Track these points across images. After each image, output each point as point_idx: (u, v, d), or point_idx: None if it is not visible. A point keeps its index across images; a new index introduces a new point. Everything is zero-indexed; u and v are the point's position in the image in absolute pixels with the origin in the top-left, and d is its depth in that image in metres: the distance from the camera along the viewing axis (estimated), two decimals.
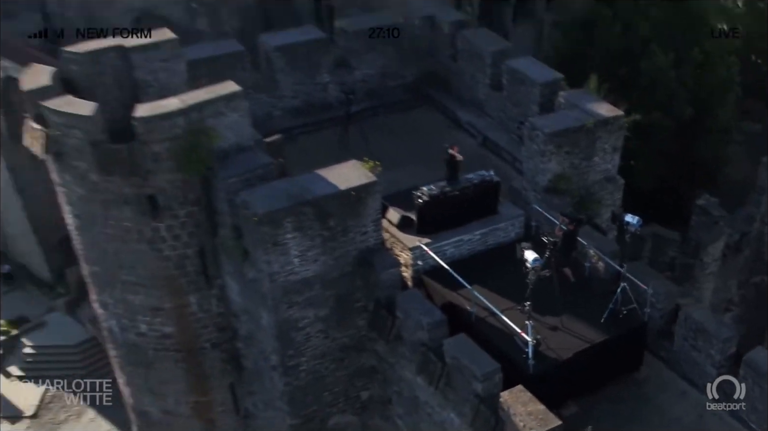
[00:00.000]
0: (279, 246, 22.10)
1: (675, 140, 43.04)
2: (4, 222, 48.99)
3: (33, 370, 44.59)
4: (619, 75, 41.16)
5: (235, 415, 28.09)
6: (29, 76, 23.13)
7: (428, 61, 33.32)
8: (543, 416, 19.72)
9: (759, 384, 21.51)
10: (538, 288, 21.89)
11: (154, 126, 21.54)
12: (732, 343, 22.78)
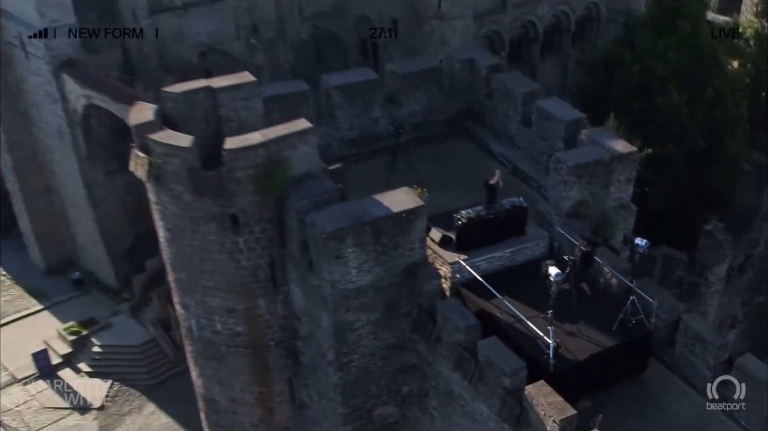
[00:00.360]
0: (340, 258, 25.34)
1: (687, 170, 45.41)
2: (75, 232, 52.09)
3: (100, 367, 47.49)
4: (637, 110, 43.89)
5: (291, 405, 31.23)
6: (136, 112, 26.58)
7: (466, 99, 36.07)
8: (561, 406, 22.72)
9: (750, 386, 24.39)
10: (558, 299, 24.94)
11: (239, 156, 25.00)
12: (725, 350, 25.61)
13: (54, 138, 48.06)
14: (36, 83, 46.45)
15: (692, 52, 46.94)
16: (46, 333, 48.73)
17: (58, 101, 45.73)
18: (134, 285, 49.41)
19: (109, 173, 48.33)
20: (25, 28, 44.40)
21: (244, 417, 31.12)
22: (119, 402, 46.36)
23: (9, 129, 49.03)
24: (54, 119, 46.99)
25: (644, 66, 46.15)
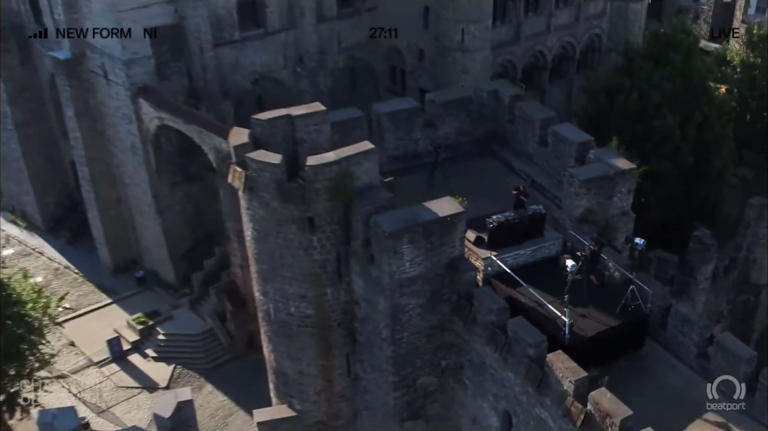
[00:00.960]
0: (397, 253, 30.70)
1: (679, 184, 50.45)
2: (141, 236, 57.10)
3: (164, 352, 52.15)
4: (635, 132, 48.86)
5: (347, 377, 36.49)
6: (233, 135, 32.02)
7: (491, 123, 41.40)
8: (575, 370, 27.96)
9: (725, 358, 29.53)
10: (572, 287, 30.41)
11: (318, 171, 30.46)
12: (708, 329, 30.87)
13: (127, 154, 53.00)
14: (114, 106, 51.47)
15: (684, 81, 51.82)
16: (116, 323, 53.40)
17: (133, 122, 50.64)
18: (193, 282, 54.23)
19: (173, 185, 53.52)
20: (108, 60, 49.70)
21: (309, 387, 36.30)
22: (181, 383, 50.44)
23: (88, 146, 53.91)
24: (129, 137, 51.93)
25: (642, 93, 50.98)
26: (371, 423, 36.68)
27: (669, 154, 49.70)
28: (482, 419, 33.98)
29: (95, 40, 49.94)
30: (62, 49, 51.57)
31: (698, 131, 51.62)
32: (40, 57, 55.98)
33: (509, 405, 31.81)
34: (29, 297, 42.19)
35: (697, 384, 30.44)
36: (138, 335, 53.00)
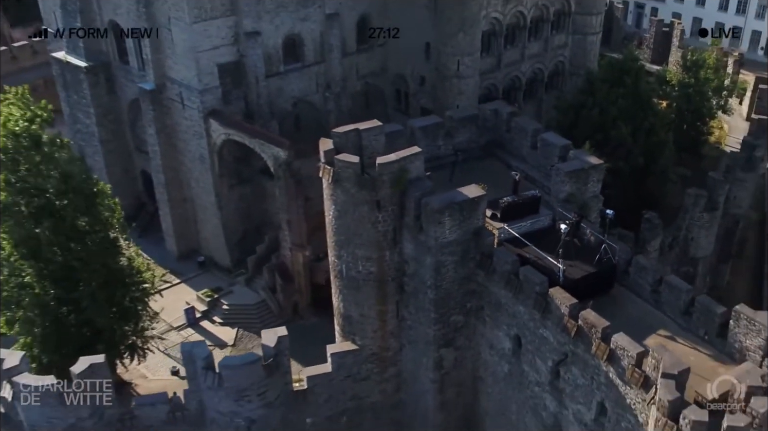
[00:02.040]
0: (441, 224, 41.23)
1: (632, 179, 61.25)
2: (201, 229, 67.10)
3: (228, 319, 62.19)
4: (597, 139, 59.52)
5: (396, 318, 46.81)
6: (323, 144, 42.37)
7: (493, 133, 51.81)
8: (569, 299, 38.39)
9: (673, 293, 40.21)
10: (563, 245, 41.07)
11: (384, 167, 41.17)
12: (659, 273, 41.40)
13: (196, 163, 63.34)
14: (187, 125, 61.89)
15: (634, 99, 63.00)
16: (186, 297, 63.48)
17: (203, 137, 61.10)
18: (248, 263, 64.66)
19: (231, 186, 64.17)
20: (185, 89, 60.20)
21: (368, 326, 46.76)
22: (244, 342, 60.44)
23: (164, 157, 64.26)
24: (198, 149, 62.26)
25: (601, 109, 62.11)
26: (413, 351, 47.04)
27: (623, 156, 60.44)
28: (497, 344, 44.55)
29: (174, 74, 60.42)
30: (148, 82, 61.84)
31: (646, 138, 62.47)
32: (121, 88, 66.09)
33: (519, 330, 42.39)
34: (144, 269, 52.72)
35: (651, 312, 40.76)
36: (206, 306, 63.12)
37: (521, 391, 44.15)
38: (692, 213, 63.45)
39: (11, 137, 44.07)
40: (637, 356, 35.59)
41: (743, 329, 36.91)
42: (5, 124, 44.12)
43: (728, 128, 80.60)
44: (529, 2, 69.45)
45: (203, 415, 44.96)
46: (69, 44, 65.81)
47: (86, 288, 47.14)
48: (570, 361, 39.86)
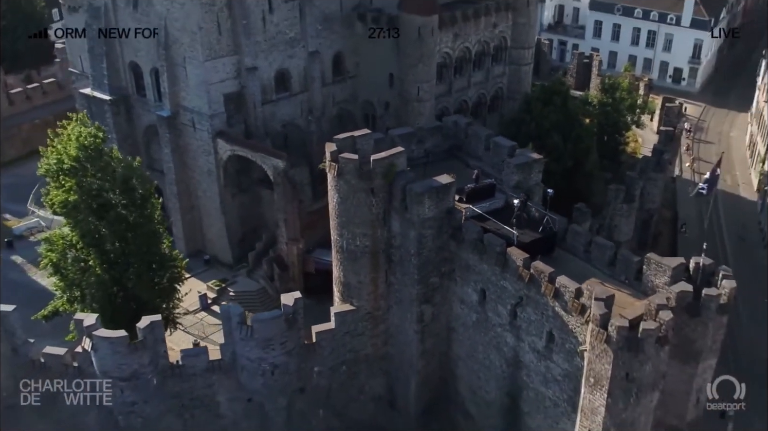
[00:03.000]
0: (421, 204, 51.18)
1: (564, 179, 70.75)
2: (207, 232, 76.59)
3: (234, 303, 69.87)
4: (535, 146, 69.54)
5: (385, 283, 56.34)
6: (328, 147, 52.95)
7: (454, 139, 62.08)
8: (522, 255, 48.59)
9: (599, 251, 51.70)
10: (516, 218, 51.76)
11: (377, 163, 51.61)
12: (589, 236, 52.33)
13: (204, 176, 73.17)
14: (197, 145, 71.75)
15: (564, 114, 74.35)
16: (197, 289, 72.61)
17: (211, 154, 71.00)
18: (249, 258, 74.31)
19: (233, 195, 74.13)
20: (197, 115, 70.21)
21: (363, 290, 56.49)
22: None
23: (177, 172, 74.01)
24: (206, 164, 72.15)
25: (537, 123, 73.08)
26: (399, 309, 56.70)
27: (556, 159, 70.89)
28: (467, 298, 54.61)
29: (187, 102, 70.50)
30: (164, 109, 71.89)
31: (574, 145, 73.50)
32: (138, 116, 75.98)
33: (484, 285, 52.55)
34: (177, 257, 62.67)
35: (585, 266, 49.95)
36: (216, 293, 72.48)
37: (486, 334, 54.30)
38: (614, 204, 73.94)
39: (82, 149, 54.07)
40: (576, 290, 45.93)
41: (653, 271, 47.29)
42: (77, 139, 54.10)
43: (642, 141, 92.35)
44: (473, 39, 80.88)
45: (235, 364, 54.74)
46: (94, 81, 75.67)
47: (135, 269, 57.11)
48: (525, 303, 50.09)
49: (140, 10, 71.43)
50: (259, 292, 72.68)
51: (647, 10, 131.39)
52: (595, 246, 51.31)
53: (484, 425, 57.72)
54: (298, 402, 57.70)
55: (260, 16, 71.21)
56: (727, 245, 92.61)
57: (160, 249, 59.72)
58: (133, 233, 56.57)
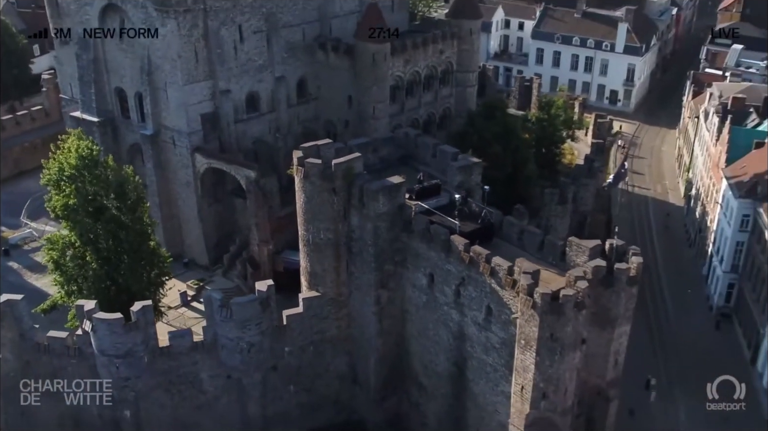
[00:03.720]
0: (377, 201, 57.54)
1: (504, 184, 77.44)
2: (185, 238, 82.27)
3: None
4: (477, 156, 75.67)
5: (346, 272, 62.31)
6: (296, 154, 59.95)
7: (405, 148, 68.70)
8: (463, 241, 55.26)
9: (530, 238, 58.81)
10: (459, 212, 58.37)
11: (338, 166, 58.09)
12: (520, 227, 59.48)
13: (183, 186, 79.12)
14: (177, 159, 77.73)
15: (503, 127, 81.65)
16: (179, 286, 78.07)
17: (189, 167, 76.92)
18: (224, 259, 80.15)
19: (209, 204, 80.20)
20: (176, 133, 76.37)
21: (327, 278, 62.48)
22: None
23: (158, 184, 79.90)
24: (185, 176, 78.08)
25: (479, 135, 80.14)
26: (359, 294, 62.66)
27: (497, 167, 77.24)
28: (417, 282, 60.61)
29: (168, 122, 76.68)
30: (147, 129, 78.16)
31: (513, 154, 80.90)
32: (123, 136, 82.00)
33: (432, 269, 58.66)
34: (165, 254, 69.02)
35: (518, 252, 55.16)
36: (195, 291, 78.00)
37: (435, 313, 60.55)
38: (550, 206, 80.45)
39: (80, 159, 60.52)
40: (508, 268, 52.43)
41: (575, 252, 53.87)
42: (77, 150, 60.57)
43: (578, 154, 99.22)
44: (423, 64, 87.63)
45: (216, 343, 60.81)
46: (83, 105, 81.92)
47: (126, 264, 63.44)
48: (466, 282, 56.37)
49: (125, 41, 77.74)
50: (234, 290, 77.80)
51: (584, 38, 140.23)
52: (526, 233, 57.98)
53: (435, 395, 64.08)
54: (272, 379, 63.89)
55: (232, 46, 77.76)
56: (656, 245, 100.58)
57: (149, 247, 65.93)
58: (125, 232, 62.71)
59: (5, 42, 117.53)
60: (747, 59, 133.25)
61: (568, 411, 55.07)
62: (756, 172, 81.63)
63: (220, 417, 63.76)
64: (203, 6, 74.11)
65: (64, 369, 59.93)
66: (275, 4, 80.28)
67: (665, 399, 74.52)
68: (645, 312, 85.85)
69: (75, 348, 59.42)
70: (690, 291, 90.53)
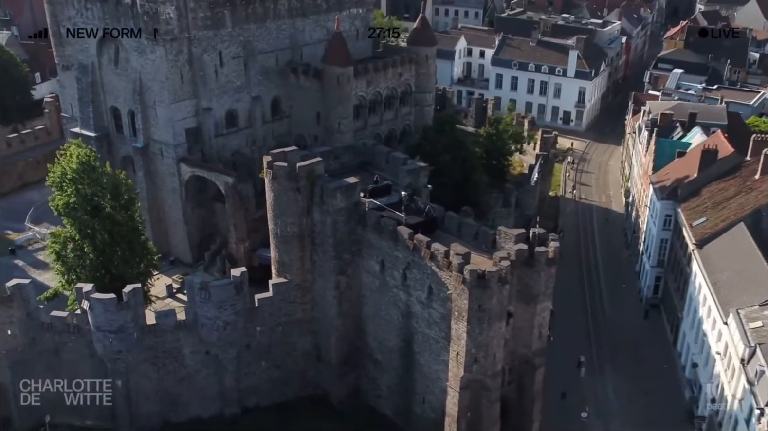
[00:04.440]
0: (335, 198, 64.70)
1: (454, 190, 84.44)
2: (171, 238, 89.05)
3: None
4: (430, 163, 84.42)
5: (310, 261, 68.98)
6: (266, 158, 67.81)
7: (363, 156, 77.39)
8: (408, 229, 62.91)
9: (462, 230, 66.65)
10: (405, 207, 65.86)
11: (302, 168, 65.47)
12: (461, 220, 67.71)
13: (169, 192, 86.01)
14: (164, 169, 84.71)
15: (453, 139, 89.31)
16: (165, 281, 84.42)
17: (175, 175, 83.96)
18: (206, 257, 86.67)
19: (193, 208, 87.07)
20: (164, 146, 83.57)
21: (293, 266, 69.01)
22: None
23: (148, 191, 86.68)
24: (171, 183, 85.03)
25: (432, 146, 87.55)
26: (321, 281, 69.23)
27: (447, 174, 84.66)
28: (371, 269, 67.44)
29: (156, 136, 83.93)
30: (138, 142, 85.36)
31: (462, 164, 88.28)
32: (117, 149, 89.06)
33: (383, 257, 65.59)
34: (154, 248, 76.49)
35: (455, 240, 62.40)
36: (180, 284, 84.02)
37: (386, 295, 67.52)
38: (495, 208, 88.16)
39: (80, 164, 68.11)
40: (445, 252, 59.73)
41: (503, 239, 61.09)
42: (78, 156, 68.17)
43: (526, 165, 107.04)
44: (383, 85, 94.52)
45: (196, 322, 67.54)
46: (82, 122, 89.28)
47: (119, 256, 70.87)
48: (411, 266, 63.46)
49: (120, 66, 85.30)
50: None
51: (539, 64, 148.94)
52: (464, 225, 65.50)
53: (387, 368, 71.19)
54: (245, 355, 70.73)
55: (213, 69, 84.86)
56: (597, 247, 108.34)
57: (140, 241, 73.24)
58: (118, 228, 70.03)
59: (9, 70, 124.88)
60: (687, 82, 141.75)
61: (498, 375, 62.35)
62: (677, 177, 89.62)
63: (199, 389, 70.65)
64: (188, 35, 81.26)
65: (64, 345, 66.96)
66: (251, 33, 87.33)
67: (595, 377, 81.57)
68: (584, 307, 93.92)
69: (74, 326, 66.38)
70: (624, 286, 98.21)
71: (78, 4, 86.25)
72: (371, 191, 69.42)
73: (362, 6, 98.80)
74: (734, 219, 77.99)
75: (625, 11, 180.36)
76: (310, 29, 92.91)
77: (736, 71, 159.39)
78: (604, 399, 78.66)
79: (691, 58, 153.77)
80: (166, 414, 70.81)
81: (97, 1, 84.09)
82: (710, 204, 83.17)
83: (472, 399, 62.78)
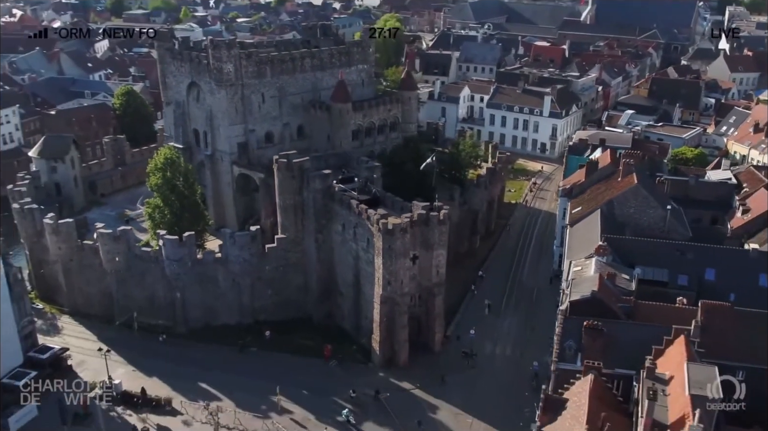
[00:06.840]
0: (315, 182, 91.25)
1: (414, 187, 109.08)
2: (225, 215, 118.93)
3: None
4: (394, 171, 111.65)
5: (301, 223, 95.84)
6: (276, 159, 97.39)
7: (343, 161, 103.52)
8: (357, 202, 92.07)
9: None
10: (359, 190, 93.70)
11: (296, 164, 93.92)
12: (392, 199, 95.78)
13: (225, 186, 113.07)
14: (222, 169, 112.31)
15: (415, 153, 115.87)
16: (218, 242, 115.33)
17: (229, 173, 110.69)
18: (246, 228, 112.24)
19: (240, 196, 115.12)
20: (225, 153, 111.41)
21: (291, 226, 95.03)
22: None
23: (212, 184, 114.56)
24: (226, 179, 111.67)
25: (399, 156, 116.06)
26: (307, 237, 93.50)
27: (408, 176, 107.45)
28: (337, 230, 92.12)
29: (219, 147, 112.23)
30: (208, 151, 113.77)
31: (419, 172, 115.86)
32: (195, 156, 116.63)
33: (344, 221, 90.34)
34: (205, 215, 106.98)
35: (390, 212, 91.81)
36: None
37: (345, 246, 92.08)
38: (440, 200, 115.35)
39: (166, 159, 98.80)
40: (374, 214, 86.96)
41: (415, 209, 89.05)
42: (164, 154, 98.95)
43: None
44: (376, 117, 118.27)
45: (227, 258, 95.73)
46: (175, 138, 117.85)
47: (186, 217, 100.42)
48: (358, 226, 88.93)
49: (199, 102, 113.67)
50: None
51: (522, 106, 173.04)
52: (395, 202, 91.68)
53: (347, 297, 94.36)
54: (257, 285, 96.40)
55: (257, 105, 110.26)
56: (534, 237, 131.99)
57: (199, 210, 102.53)
58: (186, 200, 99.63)
59: (140, 110, 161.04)
60: (638, 120, 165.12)
61: (406, 295, 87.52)
62: (574, 182, 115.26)
63: (228, 304, 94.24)
64: (241, 82, 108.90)
65: (148, 269, 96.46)
66: (285, 81, 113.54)
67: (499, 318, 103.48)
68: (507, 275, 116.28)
69: (154, 257, 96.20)
70: (543, 263, 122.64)
71: (176, 64, 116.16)
72: (340, 180, 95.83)
73: (366, 63, 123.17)
74: (595, 206, 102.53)
75: (605, 67, 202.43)
76: (327, 78, 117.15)
77: (691, 113, 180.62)
78: (499, 330, 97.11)
79: (644, 102, 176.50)
80: (207, 319, 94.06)
81: (187, 62, 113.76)
82: (588, 198, 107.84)
83: (389, 310, 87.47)
